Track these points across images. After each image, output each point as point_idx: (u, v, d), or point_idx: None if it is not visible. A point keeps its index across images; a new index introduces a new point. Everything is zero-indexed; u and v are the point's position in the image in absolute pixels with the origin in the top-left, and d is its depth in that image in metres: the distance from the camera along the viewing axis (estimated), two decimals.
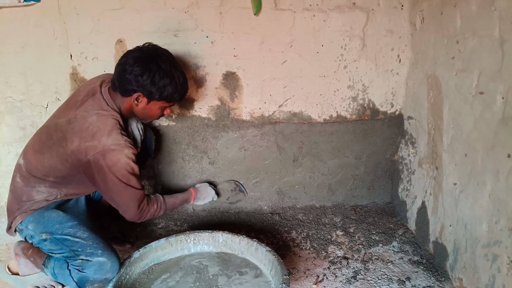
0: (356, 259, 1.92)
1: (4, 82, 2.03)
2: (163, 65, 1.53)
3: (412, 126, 2.13)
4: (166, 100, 1.61)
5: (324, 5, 2.01)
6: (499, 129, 1.39)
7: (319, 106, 2.19)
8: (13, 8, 1.90)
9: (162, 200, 1.73)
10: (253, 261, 1.71)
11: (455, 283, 1.72)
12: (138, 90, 1.54)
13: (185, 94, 1.67)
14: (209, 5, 1.97)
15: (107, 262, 1.50)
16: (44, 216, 1.57)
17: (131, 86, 1.53)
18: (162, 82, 1.53)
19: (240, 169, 2.28)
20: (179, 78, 1.59)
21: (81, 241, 1.53)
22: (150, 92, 1.55)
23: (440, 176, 1.82)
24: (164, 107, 1.66)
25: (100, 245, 1.54)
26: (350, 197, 2.40)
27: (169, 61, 1.57)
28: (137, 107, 1.61)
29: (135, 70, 1.50)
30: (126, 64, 1.52)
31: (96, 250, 1.52)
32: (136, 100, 1.58)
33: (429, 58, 1.88)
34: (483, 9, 1.44)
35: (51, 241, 1.55)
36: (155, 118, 1.71)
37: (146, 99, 1.58)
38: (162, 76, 1.53)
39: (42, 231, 1.55)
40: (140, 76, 1.51)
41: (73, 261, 1.53)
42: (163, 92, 1.56)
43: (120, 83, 1.55)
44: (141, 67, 1.51)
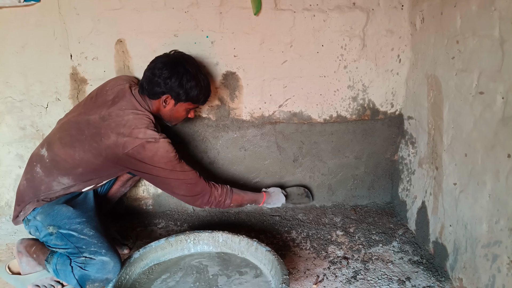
0: (356, 259, 1.92)
1: (4, 82, 2.04)
2: (189, 68, 1.67)
3: (412, 126, 2.13)
4: (192, 101, 1.73)
5: (324, 5, 2.01)
6: (499, 129, 1.39)
7: (319, 106, 2.19)
8: (13, 8, 1.91)
9: (228, 188, 1.79)
10: (253, 261, 1.71)
11: (455, 283, 1.72)
12: (166, 92, 1.66)
13: (209, 96, 1.80)
14: (209, 5, 1.97)
15: (109, 262, 1.51)
16: (54, 209, 1.60)
17: (160, 88, 1.65)
18: (189, 84, 1.67)
19: (240, 169, 2.28)
20: (204, 81, 1.73)
21: (86, 238, 1.55)
22: (178, 94, 1.67)
23: (440, 176, 1.82)
24: (189, 109, 1.78)
25: (104, 244, 1.55)
26: (350, 197, 2.40)
27: (194, 66, 1.72)
28: (164, 109, 1.72)
29: (164, 73, 1.64)
30: (155, 68, 1.65)
31: (100, 249, 1.53)
32: (164, 102, 1.69)
33: (429, 58, 1.88)
34: (483, 9, 1.44)
35: (57, 235, 1.56)
36: (180, 120, 1.82)
37: (174, 101, 1.70)
38: (189, 79, 1.66)
39: (49, 224, 1.57)
40: (169, 79, 1.64)
41: (76, 258, 1.54)
42: (189, 94, 1.68)
43: (149, 86, 1.67)
44: (170, 70, 1.64)
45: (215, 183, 1.77)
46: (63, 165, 1.62)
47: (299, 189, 2.27)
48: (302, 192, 2.27)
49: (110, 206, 2.03)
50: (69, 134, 1.64)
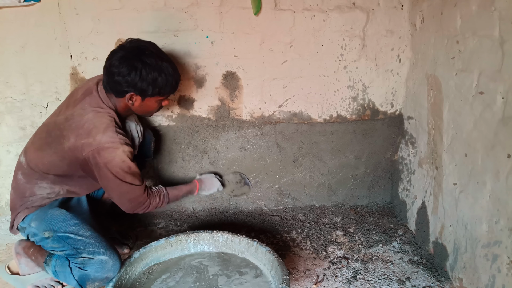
0: (356, 259, 1.92)
1: (4, 82, 2.03)
2: (148, 60, 1.53)
3: (412, 126, 2.13)
4: (159, 94, 1.61)
5: (324, 5, 2.01)
6: (499, 129, 1.39)
7: (319, 106, 2.19)
8: (13, 8, 1.91)
9: (165, 193, 1.73)
10: (253, 261, 1.71)
11: (455, 283, 1.72)
12: (129, 90, 1.55)
13: (178, 83, 1.67)
14: (209, 5, 1.97)
15: (108, 261, 1.51)
16: (47, 214, 1.58)
17: (121, 87, 1.54)
18: (150, 77, 1.54)
19: (240, 169, 2.28)
20: (167, 68, 1.58)
21: (83, 239, 1.54)
22: (142, 89, 1.55)
23: (440, 176, 1.82)
24: (161, 100, 1.67)
25: (102, 243, 1.54)
26: (350, 197, 2.40)
27: (153, 54, 1.56)
28: (133, 106, 1.62)
29: (122, 71, 1.51)
30: (112, 67, 1.53)
31: (99, 249, 1.52)
32: (130, 100, 1.58)
33: (429, 58, 1.88)
34: (483, 9, 1.44)
35: (53, 238, 1.55)
36: (155, 111, 1.72)
37: (140, 97, 1.59)
38: (149, 71, 1.53)
39: (45, 229, 1.56)
40: (128, 76, 1.51)
41: (75, 259, 1.53)
42: (154, 87, 1.56)
43: (111, 86, 1.56)
44: (127, 66, 1.51)
45: (153, 189, 1.69)
46: (37, 170, 1.59)
47: (236, 175, 2.22)
48: (239, 179, 2.21)
49: (106, 208, 2.01)
50: (40, 137, 1.61)
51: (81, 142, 1.49)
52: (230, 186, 2.21)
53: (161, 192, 1.72)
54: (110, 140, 1.49)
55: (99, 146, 1.48)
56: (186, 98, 2.12)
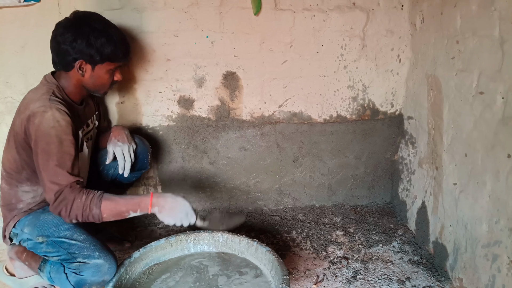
0: (356, 259, 1.92)
1: (4, 82, 2.03)
2: (95, 25, 1.50)
3: (412, 126, 2.13)
4: (109, 60, 1.55)
5: (324, 5, 2.01)
6: (499, 129, 1.39)
7: (319, 106, 2.19)
8: (13, 8, 1.90)
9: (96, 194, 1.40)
10: (253, 261, 1.71)
11: (455, 283, 1.72)
12: (78, 57, 1.49)
13: (128, 51, 1.64)
14: (209, 5, 1.97)
15: (104, 264, 1.46)
16: (40, 219, 1.54)
17: (70, 55, 1.48)
18: (99, 42, 1.49)
19: (240, 169, 2.28)
20: (116, 34, 1.55)
21: (78, 243, 1.49)
22: (90, 55, 1.49)
23: (440, 176, 1.82)
24: (112, 70, 1.59)
25: (97, 247, 1.49)
26: (350, 197, 2.40)
27: (101, 21, 1.54)
28: (84, 78, 1.55)
29: (68, 37, 1.46)
30: (58, 35, 1.48)
31: (94, 252, 1.47)
32: (80, 70, 1.52)
33: (429, 58, 1.88)
34: (483, 9, 1.44)
35: (47, 244, 1.51)
36: (107, 86, 1.64)
37: (90, 66, 1.53)
38: (97, 36, 1.48)
39: (38, 234, 1.52)
40: (75, 42, 1.46)
41: (70, 264, 1.49)
42: (103, 52, 1.50)
43: (59, 58, 1.51)
44: (73, 32, 1.46)
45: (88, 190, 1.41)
46: (13, 173, 1.54)
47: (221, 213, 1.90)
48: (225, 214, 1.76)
49: None
50: (7, 139, 1.56)
51: (20, 118, 1.43)
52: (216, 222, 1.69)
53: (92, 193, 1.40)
54: (40, 104, 1.40)
55: (30, 113, 1.39)
56: (186, 98, 2.12)
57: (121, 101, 2.09)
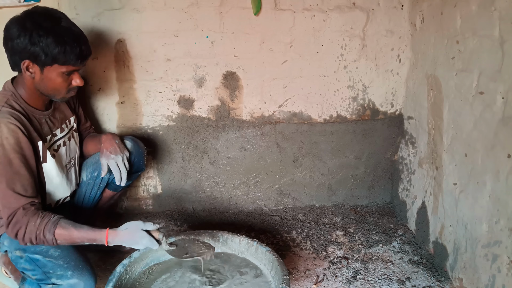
0: (356, 259, 1.92)
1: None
2: (41, 22, 1.32)
3: (412, 126, 2.13)
4: (58, 63, 1.36)
5: (324, 5, 2.01)
6: (499, 129, 1.39)
7: (319, 106, 2.19)
8: (13, 8, 1.90)
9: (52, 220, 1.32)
10: (253, 261, 1.71)
11: (455, 283, 1.72)
12: (22, 57, 1.34)
13: (83, 55, 1.41)
14: (209, 5, 1.97)
15: (78, 283, 1.35)
16: None
17: (14, 54, 1.34)
18: (44, 41, 1.31)
19: (240, 169, 2.28)
20: (68, 35, 1.36)
21: (52, 260, 1.38)
22: (36, 56, 1.33)
23: (440, 176, 1.82)
24: (65, 74, 1.41)
25: (70, 264, 1.37)
26: (350, 197, 2.40)
27: (51, 17, 1.36)
28: (35, 80, 1.39)
29: (12, 33, 1.32)
30: (4, 32, 1.35)
31: (66, 272, 1.36)
32: (27, 71, 1.36)
33: (429, 58, 1.88)
34: (483, 9, 1.44)
35: (25, 259, 1.41)
36: (63, 90, 1.45)
37: (38, 67, 1.36)
38: (42, 34, 1.31)
39: (16, 248, 1.42)
40: (18, 38, 1.31)
41: (45, 285, 1.40)
42: (48, 52, 1.33)
43: (8, 57, 1.38)
44: (17, 28, 1.31)
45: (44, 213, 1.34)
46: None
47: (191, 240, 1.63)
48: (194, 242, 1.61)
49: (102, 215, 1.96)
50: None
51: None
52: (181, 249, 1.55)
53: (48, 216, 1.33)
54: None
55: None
56: (186, 98, 2.12)
57: (121, 101, 2.09)
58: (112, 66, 2.04)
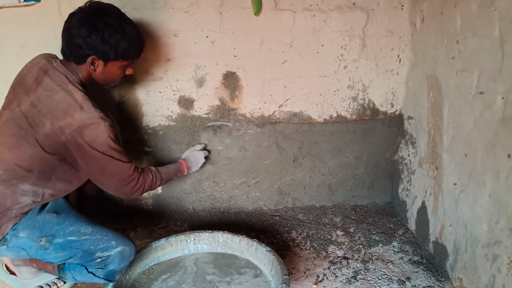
0: (356, 259, 1.92)
1: (4, 82, 2.03)
2: (110, 21, 1.45)
3: (412, 126, 2.13)
4: (123, 58, 1.52)
5: (324, 5, 2.01)
6: (499, 129, 1.39)
7: (319, 106, 2.19)
8: (13, 8, 1.90)
9: (155, 170, 1.68)
10: (253, 261, 1.71)
11: (455, 283, 1.72)
12: (91, 53, 1.45)
13: (142, 48, 1.61)
14: (209, 5, 1.97)
15: (125, 249, 1.46)
16: (37, 220, 1.45)
17: (82, 50, 1.44)
18: (113, 39, 1.45)
19: (240, 169, 2.28)
20: (131, 31, 1.51)
21: (88, 237, 1.44)
22: (104, 53, 1.46)
23: (440, 176, 1.82)
24: (124, 66, 1.58)
25: (109, 235, 1.47)
26: (350, 197, 2.40)
27: (116, 16, 1.48)
28: (95, 73, 1.52)
29: (82, 32, 1.41)
30: (71, 28, 1.43)
31: (110, 242, 1.45)
32: (92, 65, 1.48)
33: (429, 58, 1.88)
34: (483, 9, 1.44)
35: (54, 248, 1.43)
36: (118, 81, 1.63)
37: (102, 62, 1.49)
38: (112, 33, 1.44)
39: (40, 236, 1.43)
40: (89, 37, 1.42)
41: (91, 262, 1.45)
42: (117, 50, 1.47)
43: (71, 51, 1.47)
44: (87, 27, 1.42)
45: (143, 168, 1.63)
46: (18, 171, 1.43)
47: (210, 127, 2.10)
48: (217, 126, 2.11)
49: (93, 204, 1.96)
50: (10, 134, 1.44)
51: (58, 125, 1.38)
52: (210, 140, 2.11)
53: (152, 169, 1.67)
54: (90, 116, 1.40)
55: (81, 125, 1.38)
56: (186, 98, 2.12)
57: (121, 101, 2.09)
58: None
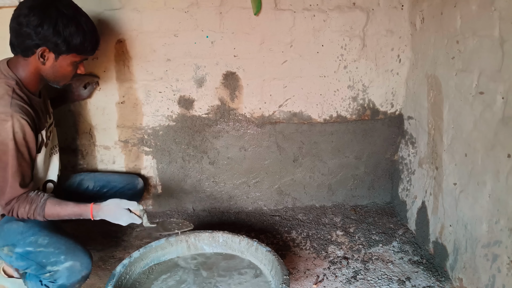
0: (356, 259, 1.92)
1: None
2: (64, 10, 1.35)
3: (412, 126, 2.13)
4: (76, 52, 1.41)
5: (324, 5, 2.01)
6: (499, 129, 1.39)
7: (319, 106, 2.19)
8: (13, 8, 1.89)
9: (40, 203, 1.41)
10: (253, 261, 1.71)
11: (455, 283, 1.72)
12: (41, 44, 1.34)
13: (98, 44, 1.50)
14: (209, 5, 1.97)
15: (74, 264, 1.39)
16: (3, 229, 1.45)
17: (32, 40, 1.33)
18: (67, 30, 1.34)
19: (240, 169, 2.28)
20: (87, 24, 1.41)
21: (43, 250, 1.40)
22: (56, 44, 1.35)
23: (440, 176, 1.82)
24: (76, 63, 1.46)
25: (61, 248, 1.40)
26: (350, 197, 2.40)
27: (71, 6, 1.39)
28: (44, 67, 1.40)
29: (33, 20, 1.31)
30: (21, 16, 1.33)
31: (59, 257, 1.39)
32: (41, 57, 1.37)
33: (429, 58, 1.88)
34: (483, 9, 1.44)
35: (16, 257, 1.42)
36: (68, 78, 1.50)
37: (53, 54, 1.38)
38: (66, 23, 1.34)
39: (3, 245, 1.43)
40: (40, 27, 1.31)
41: (43, 275, 1.41)
42: (70, 42, 1.37)
43: (19, 41, 1.35)
44: (39, 15, 1.31)
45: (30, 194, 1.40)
46: None
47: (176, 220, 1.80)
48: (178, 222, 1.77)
49: None
50: None
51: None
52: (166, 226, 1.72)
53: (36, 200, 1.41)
54: (1, 110, 1.29)
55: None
56: (186, 98, 2.12)
57: (121, 101, 2.09)
58: (112, 66, 2.04)
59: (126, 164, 2.21)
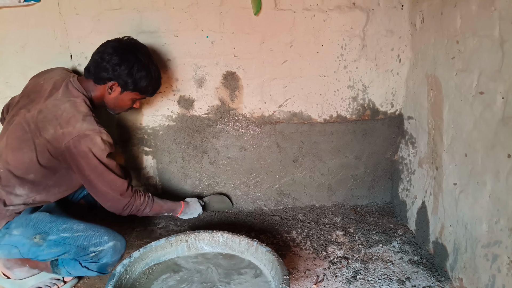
0: (356, 259, 1.92)
1: (4, 82, 2.03)
2: (141, 57, 1.62)
3: (412, 126, 2.13)
4: (139, 92, 1.68)
5: (324, 5, 2.01)
6: (499, 129, 1.39)
7: (319, 106, 2.19)
8: (13, 8, 1.90)
9: (150, 197, 1.71)
10: (253, 261, 1.71)
11: (455, 283, 1.72)
12: (113, 79, 1.60)
13: (158, 89, 1.77)
14: (209, 5, 1.97)
15: (117, 243, 1.56)
16: (31, 219, 1.53)
17: (107, 74, 1.59)
18: (139, 74, 1.61)
19: (240, 169, 2.28)
20: (155, 72, 1.69)
21: (81, 234, 1.54)
22: (126, 82, 1.61)
23: (440, 176, 1.82)
24: (135, 99, 1.72)
25: (101, 231, 1.57)
26: (350, 197, 2.40)
27: (147, 55, 1.66)
28: (109, 96, 1.65)
29: (114, 60, 1.57)
30: (105, 53, 1.59)
31: (102, 237, 1.55)
32: (110, 89, 1.62)
33: (429, 58, 1.88)
34: (483, 9, 1.44)
35: (48, 245, 1.50)
36: (124, 109, 1.76)
37: (120, 89, 1.64)
38: (140, 68, 1.61)
39: (34, 233, 1.50)
40: (118, 66, 1.58)
41: (84, 256, 1.54)
42: (138, 84, 1.63)
43: (96, 70, 1.60)
44: (120, 57, 1.58)
45: (139, 189, 1.69)
46: (16, 173, 1.51)
47: (218, 196, 2.28)
48: (220, 199, 2.28)
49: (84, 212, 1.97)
50: (15, 137, 1.52)
51: (60, 132, 1.46)
52: (211, 204, 2.25)
53: (146, 194, 1.70)
54: (90, 127, 1.49)
55: (80, 134, 1.47)
56: (186, 98, 2.12)
57: None
58: None
59: (126, 164, 2.21)
